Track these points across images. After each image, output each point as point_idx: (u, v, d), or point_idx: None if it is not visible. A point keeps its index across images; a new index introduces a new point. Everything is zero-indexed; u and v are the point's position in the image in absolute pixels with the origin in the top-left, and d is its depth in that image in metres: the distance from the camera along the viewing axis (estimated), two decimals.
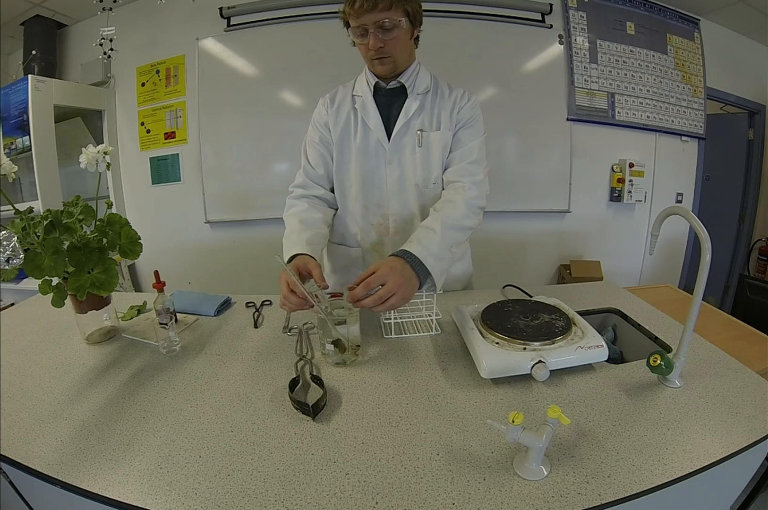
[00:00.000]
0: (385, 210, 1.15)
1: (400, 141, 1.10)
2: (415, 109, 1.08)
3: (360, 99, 1.11)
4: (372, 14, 0.92)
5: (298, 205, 1.13)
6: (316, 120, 1.16)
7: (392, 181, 1.12)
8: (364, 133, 1.10)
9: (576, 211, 2.60)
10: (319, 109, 1.16)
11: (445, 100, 1.10)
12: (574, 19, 2.44)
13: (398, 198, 1.13)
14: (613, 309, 1.10)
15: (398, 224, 1.16)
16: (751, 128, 3.07)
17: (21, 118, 2.15)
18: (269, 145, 2.47)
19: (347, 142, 1.12)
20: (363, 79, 1.12)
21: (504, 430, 0.56)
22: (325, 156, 1.15)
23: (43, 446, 0.63)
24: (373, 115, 1.09)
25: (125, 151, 2.66)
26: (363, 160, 1.11)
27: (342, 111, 1.12)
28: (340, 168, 1.14)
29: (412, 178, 1.11)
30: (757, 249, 3.25)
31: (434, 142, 1.09)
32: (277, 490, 0.54)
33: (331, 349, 0.83)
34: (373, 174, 1.12)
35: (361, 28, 0.96)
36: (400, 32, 0.97)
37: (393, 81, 1.08)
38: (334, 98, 1.15)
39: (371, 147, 1.11)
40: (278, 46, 2.37)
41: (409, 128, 1.09)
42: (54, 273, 0.78)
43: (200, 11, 2.36)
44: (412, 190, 1.12)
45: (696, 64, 2.66)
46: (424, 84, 1.09)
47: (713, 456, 0.59)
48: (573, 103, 2.46)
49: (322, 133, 1.14)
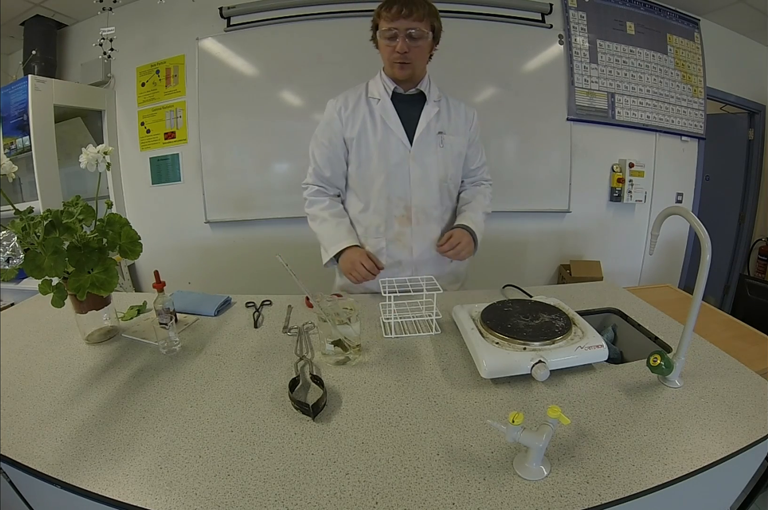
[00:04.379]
0: (407, 203, 1.23)
1: (424, 141, 1.20)
2: (434, 114, 1.20)
3: (378, 102, 1.19)
4: (406, 21, 1.04)
5: (319, 201, 1.25)
6: (326, 122, 1.22)
7: (415, 177, 1.21)
8: (384, 133, 1.18)
9: (576, 211, 2.59)
10: (329, 112, 1.22)
11: (457, 109, 1.26)
12: (574, 19, 2.44)
13: (420, 192, 1.23)
14: (613, 309, 1.10)
15: (419, 216, 1.25)
16: (751, 128, 3.07)
17: (21, 118, 2.15)
18: (269, 145, 2.47)
19: (365, 141, 1.19)
20: (379, 84, 1.20)
21: (504, 430, 0.57)
22: (332, 158, 1.22)
23: (43, 446, 0.63)
24: (393, 117, 1.18)
25: (125, 151, 2.66)
26: (385, 157, 1.19)
27: (358, 113, 1.19)
28: (361, 165, 1.22)
29: (435, 174, 1.23)
30: (757, 249, 3.25)
31: (452, 144, 1.23)
32: (277, 490, 0.54)
33: (331, 349, 0.83)
34: (396, 170, 1.20)
35: (392, 31, 1.06)
36: (424, 43, 1.10)
37: (411, 88, 1.20)
38: (347, 101, 1.21)
39: (392, 145, 1.19)
40: (278, 46, 2.36)
41: (431, 130, 1.20)
42: (54, 273, 0.78)
43: (200, 11, 2.36)
44: (434, 185, 1.24)
45: (696, 64, 2.66)
46: (436, 93, 1.23)
47: (713, 456, 0.59)
48: (573, 103, 2.46)
49: (331, 136, 1.21)
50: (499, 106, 2.42)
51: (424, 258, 1.27)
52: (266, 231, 2.56)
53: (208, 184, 2.52)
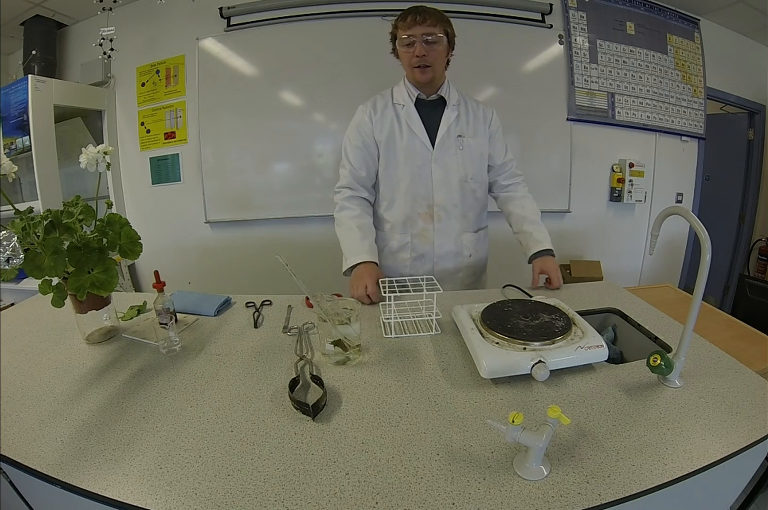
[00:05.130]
0: (430, 201, 1.32)
1: (444, 144, 1.29)
2: (454, 118, 1.29)
3: (402, 107, 1.28)
4: (421, 27, 1.14)
5: (350, 208, 1.30)
6: (359, 125, 1.30)
7: (437, 177, 1.30)
8: (409, 137, 1.28)
9: (576, 211, 2.59)
10: (360, 116, 1.30)
11: (475, 112, 1.33)
12: (574, 19, 2.44)
13: (442, 191, 1.31)
14: (613, 309, 1.10)
15: (441, 213, 1.33)
16: (751, 128, 3.07)
17: (21, 118, 2.15)
18: (269, 145, 2.47)
19: (393, 144, 1.29)
20: (403, 91, 1.29)
21: (504, 430, 0.56)
22: (367, 159, 1.31)
23: (43, 446, 0.63)
24: (416, 121, 1.27)
25: (125, 151, 2.66)
26: (411, 159, 1.29)
27: (386, 117, 1.28)
28: (389, 166, 1.31)
29: (456, 175, 1.31)
30: (757, 249, 3.25)
31: (472, 146, 1.31)
32: (277, 490, 0.54)
33: (331, 349, 0.83)
34: (420, 171, 1.30)
35: (409, 38, 1.16)
36: (440, 47, 1.18)
37: (433, 94, 1.28)
38: (376, 106, 1.30)
39: (417, 148, 1.28)
40: (278, 46, 2.36)
41: (450, 133, 1.29)
42: (54, 273, 0.78)
43: (200, 11, 2.36)
44: (454, 185, 1.32)
45: (696, 64, 2.66)
46: (455, 97, 1.31)
47: (713, 456, 0.59)
48: (573, 103, 2.46)
49: (364, 138, 1.29)
50: (499, 106, 2.38)
51: (444, 252, 1.37)
52: (266, 231, 2.56)
53: (208, 184, 2.52)
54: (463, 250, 1.39)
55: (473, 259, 1.42)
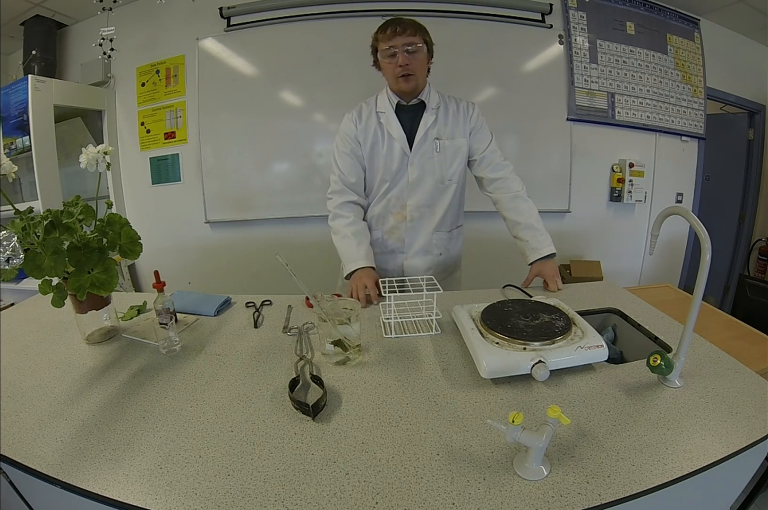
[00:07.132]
0: (404, 202, 1.37)
1: (421, 147, 1.32)
2: (431, 122, 1.31)
3: (384, 115, 1.32)
4: (401, 37, 1.18)
5: (344, 215, 1.33)
6: (346, 133, 1.34)
7: (413, 179, 1.34)
8: (389, 143, 1.32)
9: (576, 211, 2.59)
10: (347, 124, 1.34)
11: (454, 113, 1.34)
12: (574, 19, 2.44)
13: (416, 193, 1.36)
14: (613, 309, 1.10)
15: (414, 213, 1.38)
16: (751, 128, 3.07)
17: (21, 118, 2.15)
18: (269, 145, 2.47)
19: (377, 151, 1.33)
20: (384, 98, 1.33)
21: (504, 430, 0.56)
22: (355, 165, 1.34)
23: (43, 446, 0.63)
24: (395, 127, 1.31)
25: (125, 151, 2.65)
26: (389, 164, 1.33)
27: (370, 125, 1.33)
28: (371, 170, 1.36)
29: (431, 177, 1.35)
30: (757, 249, 3.24)
31: (449, 148, 1.34)
32: (277, 490, 0.55)
33: (331, 349, 0.83)
34: (397, 173, 1.34)
35: (391, 49, 1.20)
36: (421, 55, 1.22)
37: (413, 99, 1.31)
38: (361, 114, 1.34)
39: (396, 153, 1.32)
40: (278, 46, 2.36)
41: (428, 137, 1.32)
42: (54, 273, 0.78)
43: (200, 11, 2.36)
44: (429, 187, 1.35)
45: (696, 64, 2.66)
46: (435, 100, 1.33)
47: (713, 456, 0.59)
48: (573, 103, 2.46)
49: (352, 145, 1.33)
50: (499, 106, 2.42)
51: (415, 249, 1.42)
52: (266, 231, 2.56)
53: (208, 184, 2.52)
54: (433, 248, 1.42)
55: (444, 257, 1.45)
